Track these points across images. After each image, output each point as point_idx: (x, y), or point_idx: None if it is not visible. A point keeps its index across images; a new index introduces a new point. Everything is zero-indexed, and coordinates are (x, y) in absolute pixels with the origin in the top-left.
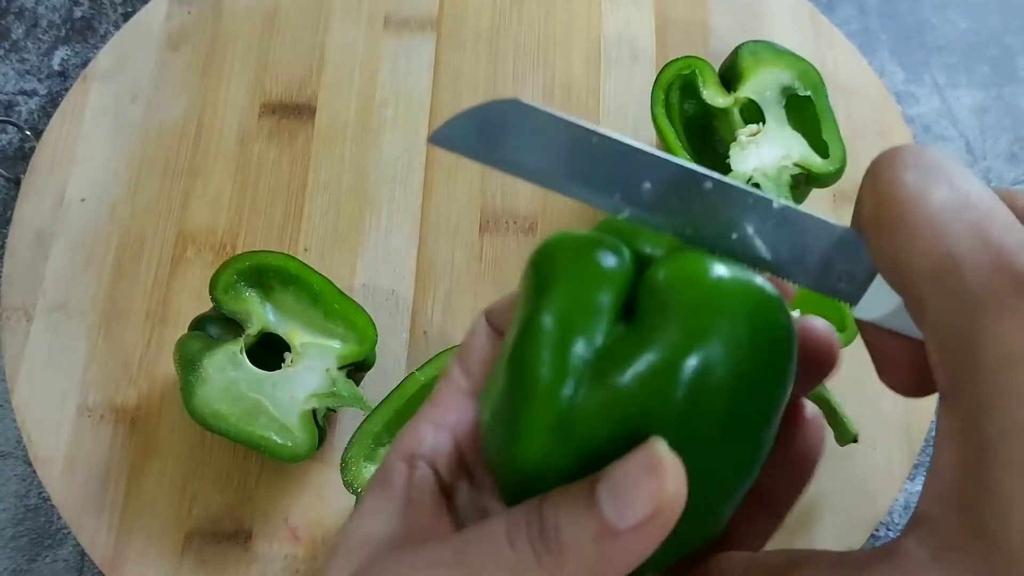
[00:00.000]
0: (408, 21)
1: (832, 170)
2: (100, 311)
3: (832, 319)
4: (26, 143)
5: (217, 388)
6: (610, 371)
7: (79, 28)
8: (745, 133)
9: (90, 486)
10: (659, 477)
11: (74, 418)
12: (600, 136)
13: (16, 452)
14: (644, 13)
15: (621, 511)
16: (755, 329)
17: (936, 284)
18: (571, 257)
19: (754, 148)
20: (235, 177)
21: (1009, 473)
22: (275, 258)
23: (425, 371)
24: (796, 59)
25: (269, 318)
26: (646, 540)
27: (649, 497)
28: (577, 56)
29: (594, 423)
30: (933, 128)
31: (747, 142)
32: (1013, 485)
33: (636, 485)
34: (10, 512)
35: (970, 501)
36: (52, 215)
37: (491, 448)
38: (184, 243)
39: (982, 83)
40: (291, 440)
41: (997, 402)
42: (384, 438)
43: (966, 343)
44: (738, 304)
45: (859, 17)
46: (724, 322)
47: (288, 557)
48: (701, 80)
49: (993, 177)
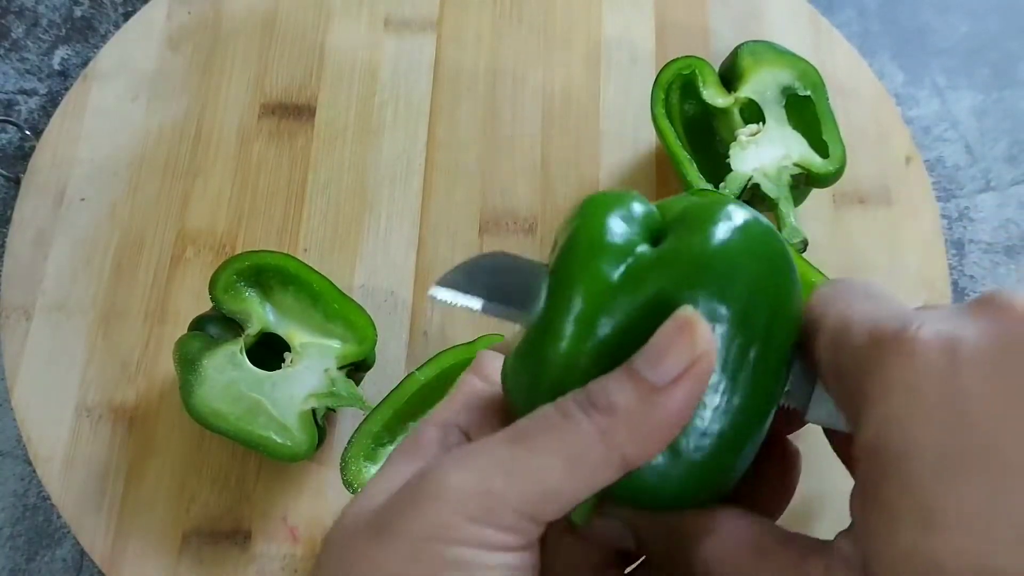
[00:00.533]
0: (408, 22)
1: (832, 170)
2: (99, 311)
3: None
4: (26, 142)
5: (217, 388)
6: (640, 272)
7: (79, 28)
8: (745, 133)
9: (89, 485)
10: (689, 333)
11: (73, 417)
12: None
13: (15, 451)
14: (644, 15)
15: (659, 370)
16: (767, 245)
17: (833, 344)
18: (608, 201)
19: (754, 148)
20: (235, 177)
21: (887, 486)
22: (275, 258)
23: (425, 371)
24: (796, 59)
25: (269, 318)
26: (687, 394)
27: (682, 352)
28: (577, 58)
29: (625, 312)
30: (932, 130)
31: (747, 142)
32: (890, 493)
33: (669, 344)
34: (9, 511)
35: (866, 513)
36: (52, 215)
37: (518, 381)
38: (184, 243)
39: (982, 86)
40: (290, 440)
41: (881, 428)
42: (384, 438)
43: (857, 385)
44: (752, 223)
45: (859, 19)
46: (740, 232)
47: (287, 557)
48: (701, 80)
49: (992, 178)
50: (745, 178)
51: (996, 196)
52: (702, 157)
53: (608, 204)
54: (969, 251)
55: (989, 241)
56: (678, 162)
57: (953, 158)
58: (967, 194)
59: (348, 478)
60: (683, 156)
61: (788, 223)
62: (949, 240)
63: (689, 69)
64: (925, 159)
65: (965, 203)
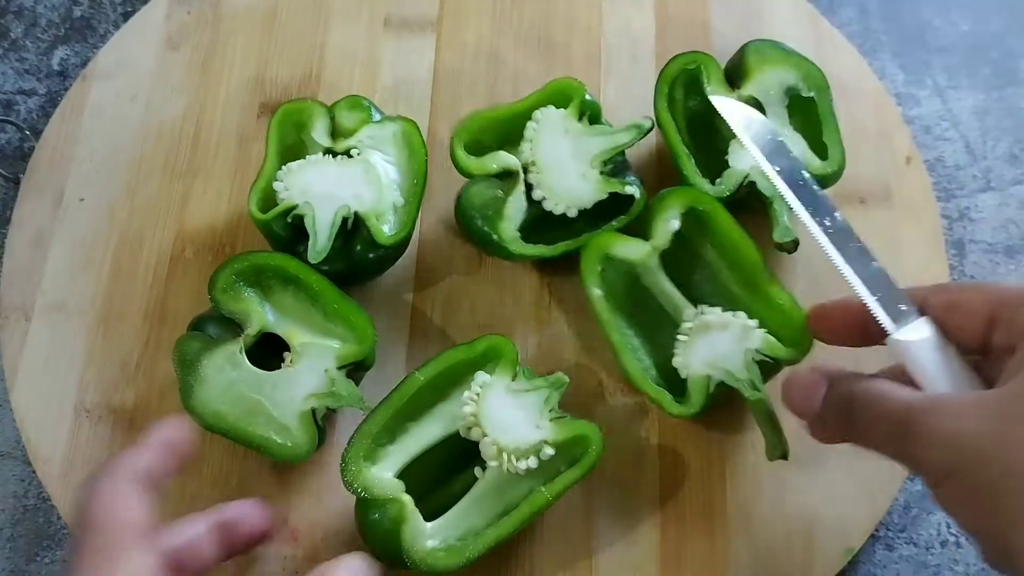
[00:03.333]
0: (408, 22)
1: (829, 172)
2: (98, 311)
3: (791, 335)
4: (25, 143)
5: (216, 388)
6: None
7: (79, 28)
8: None
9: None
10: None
11: (73, 418)
12: None
13: (15, 452)
14: (645, 14)
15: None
16: None
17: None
18: None
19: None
20: (235, 177)
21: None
22: (275, 258)
23: (425, 371)
24: (802, 60)
25: (268, 318)
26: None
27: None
28: (577, 57)
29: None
30: (933, 130)
31: None
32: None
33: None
34: (8, 512)
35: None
36: (51, 215)
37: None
38: (183, 243)
39: (983, 85)
40: (291, 440)
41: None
42: (384, 438)
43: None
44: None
45: (860, 18)
46: None
47: (287, 558)
48: (706, 76)
49: (993, 178)
50: (742, 176)
51: (997, 196)
52: (703, 153)
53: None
54: (969, 251)
55: (989, 241)
56: (676, 156)
57: (953, 158)
58: (967, 194)
59: (348, 478)
60: (682, 151)
61: (781, 222)
62: (949, 240)
63: (694, 64)
64: (925, 159)
65: (965, 203)
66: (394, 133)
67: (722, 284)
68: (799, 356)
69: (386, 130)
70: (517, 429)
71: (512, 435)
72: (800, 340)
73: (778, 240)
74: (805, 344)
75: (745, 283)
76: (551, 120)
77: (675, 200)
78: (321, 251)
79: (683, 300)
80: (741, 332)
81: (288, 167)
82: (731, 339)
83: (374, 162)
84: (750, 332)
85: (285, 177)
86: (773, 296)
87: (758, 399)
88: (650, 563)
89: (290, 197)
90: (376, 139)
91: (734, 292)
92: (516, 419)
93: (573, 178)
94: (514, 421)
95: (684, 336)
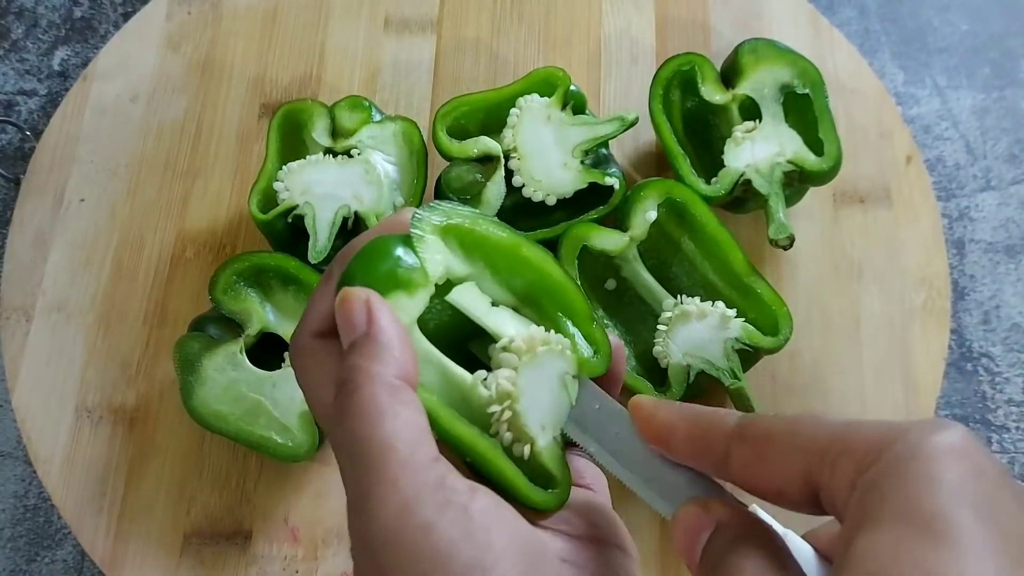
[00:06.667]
0: (408, 22)
1: (825, 168)
2: (99, 311)
3: (767, 324)
4: (26, 143)
5: (217, 388)
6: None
7: (79, 28)
8: (741, 130)
9: (89, 486)
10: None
11: (73, 418)
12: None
13: (16, 452)
14: (644, 14)
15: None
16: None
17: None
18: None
19: (748, 144)
20: (235, 177)
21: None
22: (275, 258)
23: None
24: (796, 57)
25: (269, 318)
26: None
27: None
28: (577, 57)
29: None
30: (933, 129)
31: (742, 138)
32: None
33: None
34: (9, 512)
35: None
36: (52, 215)
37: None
38: (183, 243)
39: (983, 85)
40: (291, 440)
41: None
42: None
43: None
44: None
45: (860, 18)
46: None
47: (287, 558)
48: (700, 76)
49: (993, 177)
50: (738, 174)
51: (996, 195)
52: (700, 152)
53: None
54: (969, 250)
55: (989, 240)
56: (672, 156)
57: (953, 157)
58: (967, 193)
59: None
60: (677, 151)
61: (776, 219)
62: (949, 240)
63: (689, 65)
64: (925, 159)
65: (965, 202)
66: (394, 133)
67: (701, 275)
68: (779, 345)
69: (386, 130)
70: (547, 156)
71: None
72: (780, 329)
73: (773, 237)
74: (785, 332)
75: (724, 273)
76: (534, 108)
77: (652, 191)
78: (321, 251)
79: (662, 291)
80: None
81: (288, 167)
82: (710, 328)
83: (374, 162)
84: (729, 321)
85: (285, 177)
86: (752, 285)
87: (738, 387)
88: (650, 563)
89: (290, 197)
90: (376, 139)
91: (713, 282)
92: (547, 148)
93: (554, 166)
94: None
95: (664, 326)
